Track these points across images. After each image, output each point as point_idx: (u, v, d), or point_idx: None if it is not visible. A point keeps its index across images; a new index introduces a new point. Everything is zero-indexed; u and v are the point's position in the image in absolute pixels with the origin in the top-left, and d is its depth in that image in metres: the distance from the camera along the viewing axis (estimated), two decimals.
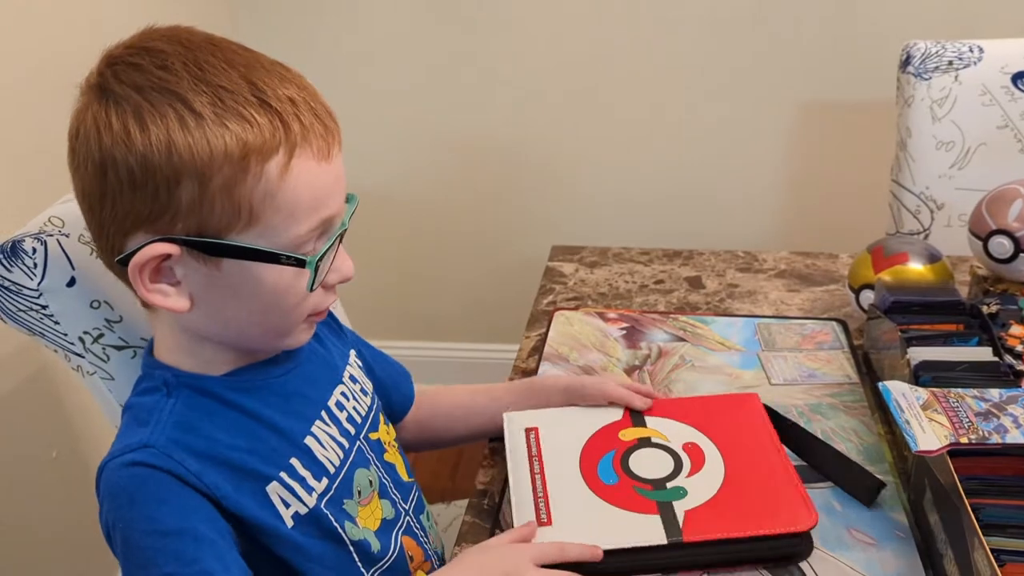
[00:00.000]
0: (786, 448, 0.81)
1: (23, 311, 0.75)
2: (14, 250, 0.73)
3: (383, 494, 0.77)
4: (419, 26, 1.74)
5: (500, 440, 0.84)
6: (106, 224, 0.63)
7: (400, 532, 0.77)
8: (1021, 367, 0.83)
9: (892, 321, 0.89)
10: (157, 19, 0.66)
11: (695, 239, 1.41)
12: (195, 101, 0.59)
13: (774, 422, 0.84)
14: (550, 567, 0.68)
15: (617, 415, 0.85)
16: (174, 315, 0.66)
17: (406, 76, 1.79)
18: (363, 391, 0.80)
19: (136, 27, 0.65)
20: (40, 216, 0.78)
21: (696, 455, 0.79)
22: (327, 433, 0.72)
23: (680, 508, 0.74)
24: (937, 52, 1.30)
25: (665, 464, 0.79)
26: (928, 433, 0.70)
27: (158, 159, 0.59)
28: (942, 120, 1.31)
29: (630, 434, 0.82)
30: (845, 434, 0.87)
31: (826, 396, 0.93)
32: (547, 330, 1.07)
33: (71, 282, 0.74)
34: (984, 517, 0.65)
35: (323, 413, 0.73)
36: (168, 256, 0.62)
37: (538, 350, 1.04)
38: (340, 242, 0.68)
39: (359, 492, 0.73)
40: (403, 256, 1.97)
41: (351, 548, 0.71)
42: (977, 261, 1.01)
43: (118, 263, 0.63)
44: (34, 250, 0.73)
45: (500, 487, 0.83)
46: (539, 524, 0.73)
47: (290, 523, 0.67)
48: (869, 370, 0.97)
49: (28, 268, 0.73)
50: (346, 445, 0.74)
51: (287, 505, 0.67)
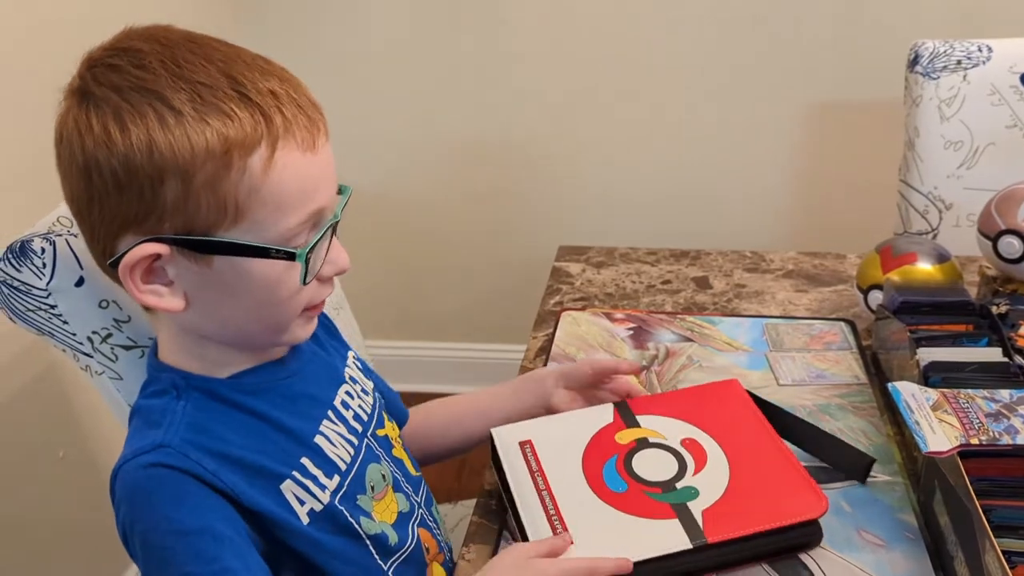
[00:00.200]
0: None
1: (32, 311, 0.75)
2: (23, 250, 0.73)
3: (396, 488, 0.77)
4: (425, 26, 1.74)
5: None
6: (96, 227, 0.63)
7: (416, 524, 0.77)
8: None
9: (901, 321, 0.89)
10: (161, 20, 0.65)
11: (702, 239, 1.41)
12: (174, 99, 0.59)
13: (757, 405, 0.84)
14: None
15: (608, 417, 0.83)
16: (173, 316, 0.66)
17: (410, 76, 1.79)
18: (364, 391, 0.80)
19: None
20: (49, 216, 0.78)
21: (697, 451, 0.79)
22: (335, 431, 0.73)
23: (696, 509, 0.73)
24: (945, 51, 1.29)
25: (669, 464, 0.78)
26: (938, 434, 0.69)
27: (140, 159, 0.58)
28: (950, 120, 1.30)
29: (626, 436, 0.81)
30: (854, 435, 0.86)
31: (835, 397, 0.93)
32: (554, 330, 1.07)
33: (80, 282, 0.74)
34: (995, 519, 0.65)
35: (330, 412, 0.74)
36: (158, 256, 0.62)
37: (545, 351, 1.04)
38: (334, 234, 0.67)
39: (372, 487, 0.74)
40: (410, 256, 1.97)
41: (368, 542, 0.71)
42: (986, 261, 1.01)
43: (110, 266, 0.63)
44: (43, 250, 0.73)
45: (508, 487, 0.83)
46: None
47: (306, 520, 0.67)
48: (878, 371, 0.97)
49: (37, 268, 0.73)
50: (355, 442, 0.74)
51: (302, 503, 0.67)
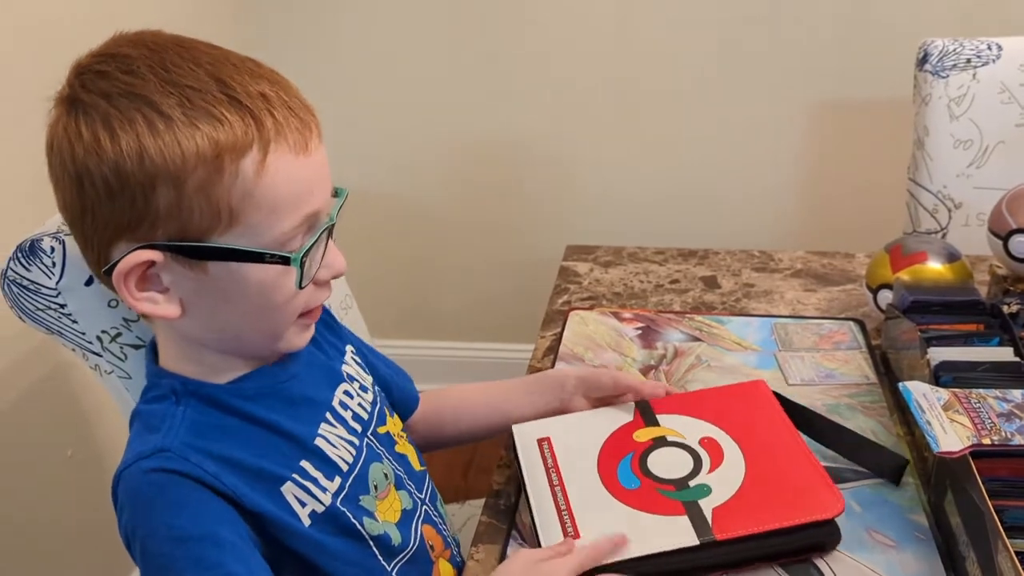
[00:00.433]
0: (802, 434, 0.80)
1: (41, 310, 0.75)
2: (32, 249, 0.73)
3: (399, 486, 0.77)
4: (430, 25, 1.74)
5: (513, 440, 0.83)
6: (89, 236, 0.62)
7: (420, 521, 0.77)
8: None
9: (911, 321, 0.88)
10: (162, 21, 0.65)
11: (709, 239, 1.40)
12: (163, 103, 0.58)
13: (784, 407, 0.83)
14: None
15: (628, 416, 0.84)
16: (171, 324, 0.65)
17: (416, 75, 1.79)
18: (363, 388, 0.79)
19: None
20: (58, 215, 0.78)
21: (714, 450, 0.78)
22: (335, 433, 0.72)
23: (707, 506, 0.72)
24: (955, 50, 1.29)
25: (684, 462, 0.78)
26: (950, 434, 0.69)
27: (130, 166, 0.58)
28: (960, 118, 1.30)
29: (645, 435, 0.81)
30: (864, 435, 0.86)
31: (844, 396, 0.92)
32: (562, 330, 1.07)
33: (89, 281, 0.74)
34: (1007, 519, 0.65)
35: (328, 414, 0.73)
36: (152, 263, 0.61)
37: (553, 350, 1.03)
38: (330, 236, 0.67)
39: (375, 487, 0.73)
40: (416, 255, 1.97)
41: (371, 543, 0.71)
42: (997, 260, 1.01)
43: (105, 274, 0.63)
44: (52, 249, 0.73)
45: (516, 487, 0.83)
46: (566, 537, 0.71)
47: (307, 521, 0.67)
48: (887, 370, 0.96)
49: (46, 267, 0.73)
50: (356, 443, 0.74)
51: (303, 504, 0.67)
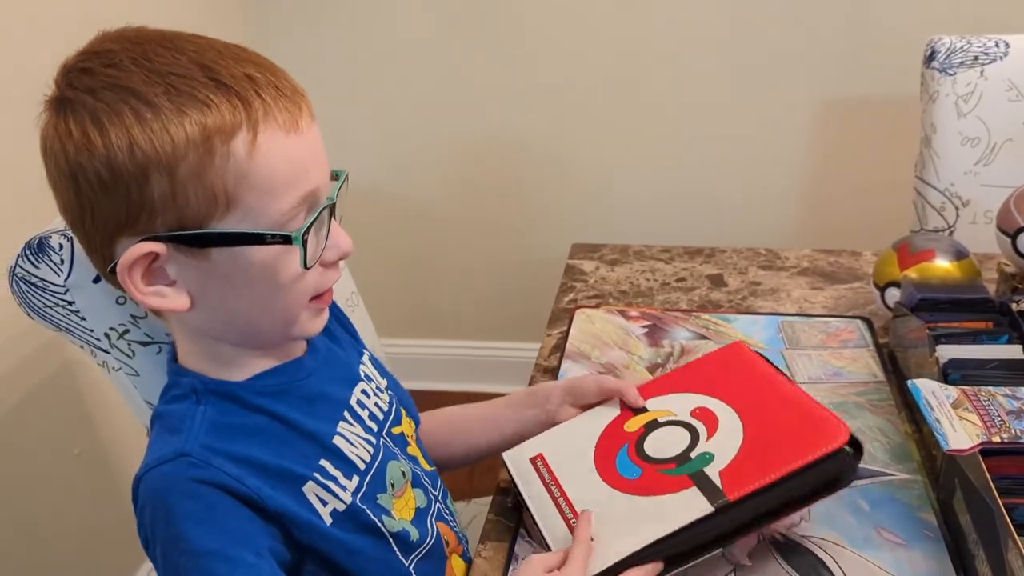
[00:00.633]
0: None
1: (49, 307, 0.75)
2: (41, 246, 0.73)
3: (416, 483, 0.77)
4: (434, 25, 1.74)
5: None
6: (91, 235, 0.62)
7: (434, 518, 0.77)
8: None
9: (919, 319, 0.88)
10: (169, 19, 0.65)
11: (717, 237, 1.40)
12: (149, 93, 0.58)
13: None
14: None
15: (615, 410, 0.81)
16: (182, 318, 0.65)
17: (422, 74, 1.79)
18: (379, 388, 0.80)
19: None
20: None
21: (708, 418, 0.76)
22: (352, 432, 0.72)
23: (713, 472, 0.70)
24: (962, 47, 1.28)
25: (681, 438, 0.75)
26: (959, 432, 0.69)
27: (122, 158, 0.58)
28: (967, 116, 1.29)
29: (635, 423, 0.79)
30: (872, 433, 0.86)
31: (852, 395, 0.92)
32: (568, 328, 1.07)
33: (97, 278, 0.74)
34: (1017, 517, 0.64)
35: (346, 413, 0.73)
36: (156, 256, 0.61)
37: (560, 348, 1.03)
38: (332, 217, 0.66)
39: (392, 485, 0.73)
40: (421, 255, 1.97)
41: (390, 539, 0.71)
42: (1005, 258, 1.00)
43: (110, 272, 0.62)
44: (60, 246, 0.73)
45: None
46: None
47: (329, 520, 0.67)
48: (895, 368, 0.96)
49: (55, 264, 0.73)
50: (373, 441, 0.74)
51: (324, 503, 0.67)
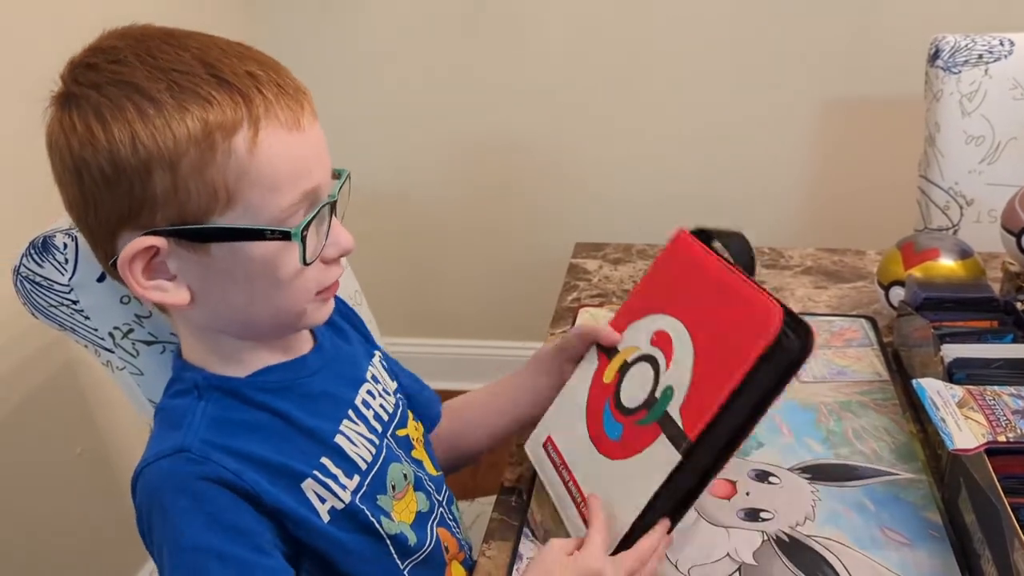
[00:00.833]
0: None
1: (54, 306, 0.75)
2: (45, 245, 0.73)
3: (418, 487, 0.77)
4: (437, 25, 1.74)
5: (527, 436, 0.83)
6: (94, 230, 0.63)
7: (435, 524, 0.77)
8: None
9: (924, 318, 0.88)
10: (176, 19, 0.65)
11: None
12: (152, 89, 0.58)
13: (707, 241, 0.77)
14: None
15: (594, 361, 0.80)
16: (184, 313, 0.65)
17: (424, 74, 1.79)
18: (386, 391, 0.80)
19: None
20: None
21: (664, 342, 0.73)
22: (356, 431, 0.72)
23: (674, 409, 0.67)
24: (967, 46, 1.28)
25: (646, 376, 0.73)
26: (964, 431, 0.69)
27: (124, 153, 0.58)
28: (972, 114, 1.29)
29: (610, 372, 0.77)
30: (876, 432, 0.86)
31: (856, 394, 0.92)
32: (571, 327, 1.06)
33: (102, 277, 0.74)
34: (1023, 517, 0.64)
35: (350, 412, 0.73)
36: (157, 251, 0.61)
37: None
38: (333, 214, 0.66)
39: (393, 487, 0.73)
40: (425, 253, 1.97)
41: (388, 541, 0.71)
42: (1009, 257, 1.00)
43: (112, 267, 0.63)
44: (65, 245, 0.73)
45: (528, 485, 0.83)
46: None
47: (326, 518, 0.67)
48: (899, 367, 0.96)
49: (59, 263, 0.73)
50: (376, 442, 0.74)
51: (323, 501, 0.67)
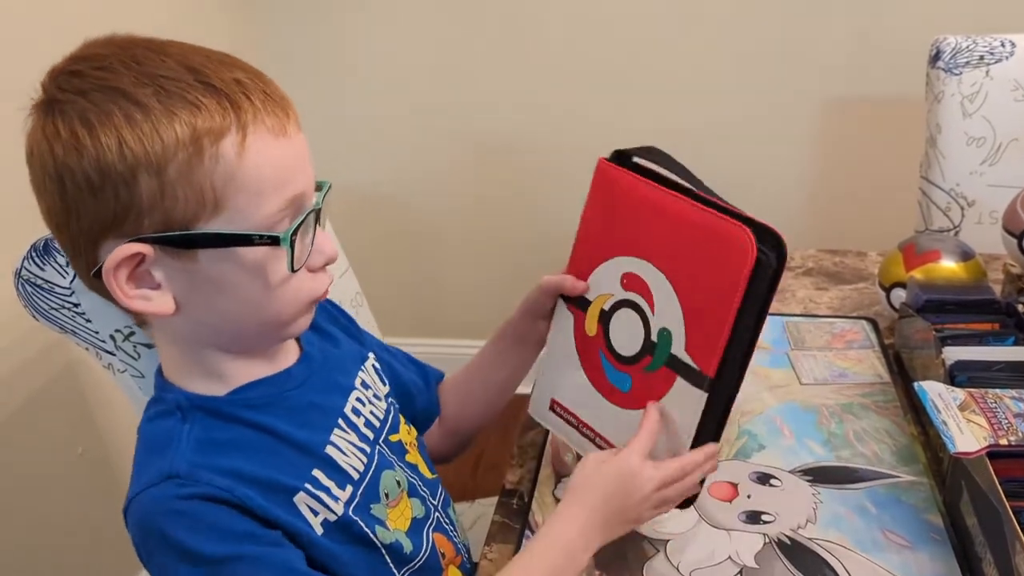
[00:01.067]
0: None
1: (55, 309, 0.75)
2: (46, 248, 0.73)
3: (412, 493, 0.76)
4: (439, 27, 1.74)
5: (527, 438, 0.83)
6: (76, 239, 0.61)
7: (431, 529, 0.77)
8: None
9: (925, 320, 0.88)
10: (184, 30, 0.65)
11: None
12: (139, 94, 0.58)
13: (646, 172, 0.73)
14: None
15: (568, 316, 0.78)
16: (168, 324, 0.64)
17: (425, 76, 1.79)
18: (376, 396, 0.79)
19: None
20: None
21: (638, 285, 0.71)
22: (346, 440, 0.71)
23: (680, 350, 0.67)
24: (968, 47, 1.28)
25: (633, 322, 0.72)
26: (966, 434, 0.69)
27: (111, 158, 0.57)
28: (973, 116, 1.29)
29: (591, 324, 0.75)
30: (878, 435, 0.86)
31: (857, 396, 0.92)
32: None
33: None
34: None
35: (340, 421, 0.72)
36: (142, 259, 0.60)
37: None
38: (318, 222, 0.66)
39: (386, 495, 0.73)
40: (428, 255, 1.97)
41: (383, 551, 0.70)
42: (1011, 259, 1.00)
43: (94, 277, 0.62)
44: None
45: (529, 487, 0.83)
46: None
47: (320, 530, 0.66)
48: (900, 370, 0.96)
49: (60, 266, 0.73)
50: (367, 450, 0.73)
51: (315, 513, 0.66)
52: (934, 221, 1.34)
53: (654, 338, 0.70)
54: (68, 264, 0.73)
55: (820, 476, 0.81)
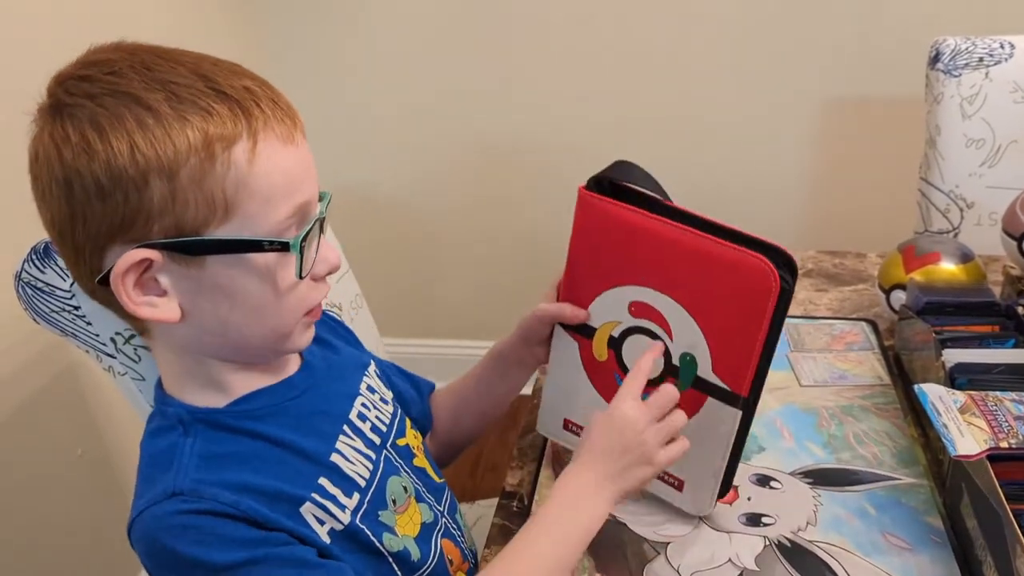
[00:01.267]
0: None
1: (56, 312, 0.75)
2: (47, 251, 0.73)
3: (419, 499, 0.76)
4: (440, 28, 1.74)
5: (527, 440, 0.83)
6: (80, 245, 0.60)
7: (440, 535, 0.76)
8: None
9: (926, 322, 0.88)
10: (185, 30, 0.65)
11: None
12: (150, 99, 0.58)
13: (624, 193, 0.74)
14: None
15: (572, 343, 0.79)
16: (171, 332, 0.64)
17: (426, 78, 1.79)
18: (383, 400, 0.79)
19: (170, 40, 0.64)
20: None
21: (649, 313, 0.73)
22: (352, 447, 0.71)
23: (708, 373, 0.70)
24: (967, 49, 1.28)
25: (650, 346, 0.73)
26: (967, 437, 0.69)
27: (122, 162, 0.57)
28: (972, 117, 1.29)
29: (600, 350, 0.77)
30: (878, 437, 0.86)
31: (857, 398, 0.92)
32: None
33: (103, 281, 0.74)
34: None
35: (345, 427, 0.72)
36: (149, 265, 0.60)
37: None
38: (322, 231, 0.66)
39: (394, 501, 0.72)
40: (428, 256, 1.97)
41: (391, 560, 0.70)
42: (1010, 261, 1.00)
43: (100, 283, 0.61)
44: None
45: (529, 489, 0.83)
46: None
47: (327, 539, 0.66)
48: (900, 372, 0.96)
49: (61, 269, 0.73)
50: (373, 456, 0.73)
51: (322, 523, 0.66)
52: (933, 223, 1.35)
53: (676, 362, 0.72)
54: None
55: (820, 478, 0.81)
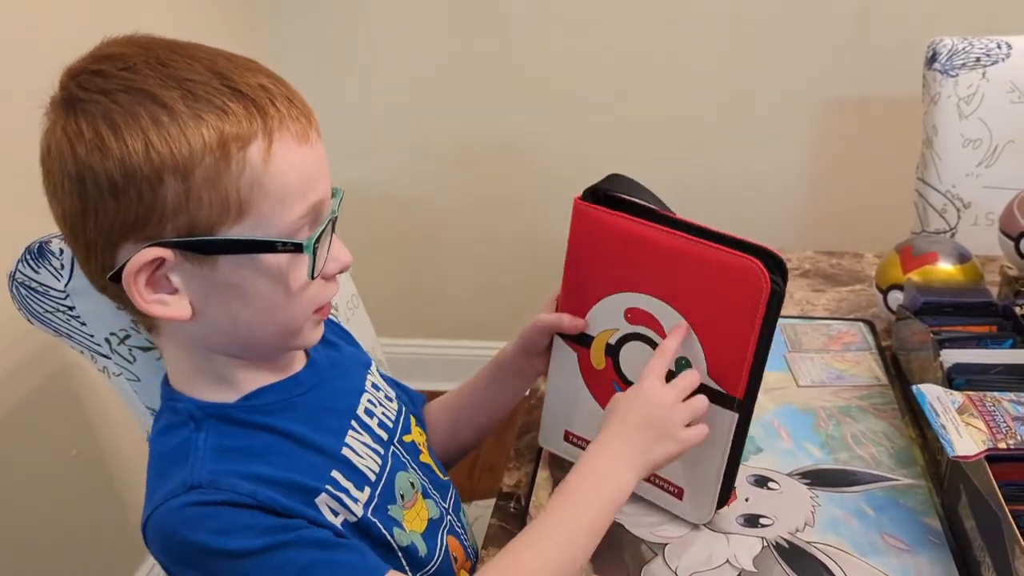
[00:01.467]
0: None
1: (50, 312, 0.75)
2: (41, 251, 0.73)
3: (426, 495, 0.76)
4: (440, 27, 1.73)
5: (525, 440, 0.83)
6: (92, 242, 0.60)
7: (445, 532, 0.77)
8: None
9: (923, 322, 0.88)
10: (185, 30, 0.65)
11: None
12: (165, 97, 0.57)
13: (619, 204, 0.74)
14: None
15: (570, 353, 0.79)
16: (181, 329, 0.64)
17: (425, 77, 1.78)
18: (388, 397, 0.79)
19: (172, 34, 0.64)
20: None
21: (644, 319, 0.73)
22: (360, 442, 0.71)
23: (704, 378, 0.71)
24: (964, 49, 1.28)
25: (647, 354, 0.73)
26: (965, 438, 0.69)
27: (137, 160, 0.57)
28: (969, 117, 1.29)
29: (598, 358, 0.77)
30: (876, 437, 0.86)
31: (855, 398, 0.92)
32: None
33: None
34: None
35: (353, 423, 0.72)
36: (161, 263, 0.60)
37: None
38: (333, 230, 0.66)
39: (402, 496, 0.73)
40: (426, 256, 1.97)
41: (400, 555, 0.70)
42: (1007, 261, 1.00)
43: (111, 280, 0.61)
44: (61, 251, 0.73)
45: (527, 490, 0.83)
46: None
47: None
48: (898, 372, 0.96)
49: (55, 269, 0.73)
50: (381, 451, 0.73)
51: (336, 515, 0.66)
52: (930, 223, 1.35)
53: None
54: (63, 267, 0.72)
55: (818, 479, 0.81)
